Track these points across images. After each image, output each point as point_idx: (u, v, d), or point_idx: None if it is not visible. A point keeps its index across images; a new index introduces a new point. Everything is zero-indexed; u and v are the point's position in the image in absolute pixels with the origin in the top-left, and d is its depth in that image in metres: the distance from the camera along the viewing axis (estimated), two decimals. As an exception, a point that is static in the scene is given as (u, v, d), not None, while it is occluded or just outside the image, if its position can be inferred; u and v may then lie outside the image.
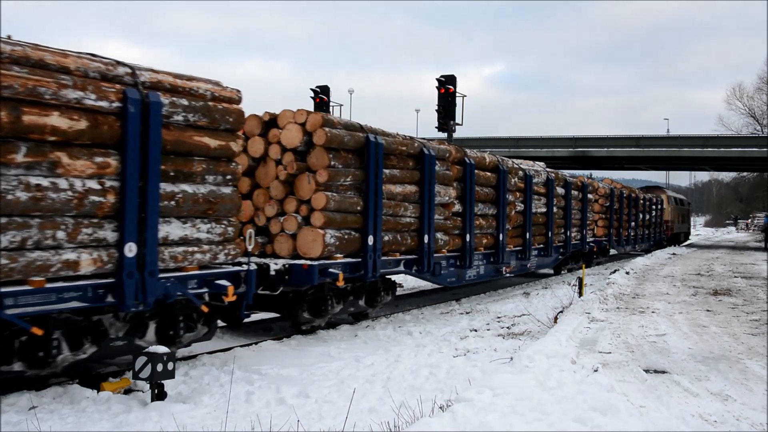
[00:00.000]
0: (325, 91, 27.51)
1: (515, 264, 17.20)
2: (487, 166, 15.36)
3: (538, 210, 18.65)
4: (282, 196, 10.57)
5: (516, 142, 40.58)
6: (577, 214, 22.76)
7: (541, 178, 18.95)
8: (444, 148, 13.32)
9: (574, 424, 5.21)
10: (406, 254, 12.19)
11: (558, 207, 20.39)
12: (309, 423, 6.31)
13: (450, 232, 13.57)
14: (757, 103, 60.44)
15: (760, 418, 5.68)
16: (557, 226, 20.40)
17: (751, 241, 56.80)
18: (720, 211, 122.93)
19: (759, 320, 10.88)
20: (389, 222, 11.55)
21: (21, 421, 6.15)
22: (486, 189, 15.24)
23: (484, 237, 15.24)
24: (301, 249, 10.28)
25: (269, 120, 10.82)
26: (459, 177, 13.99)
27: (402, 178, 11.95)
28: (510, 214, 16.35)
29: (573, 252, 22.61)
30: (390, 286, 12.43)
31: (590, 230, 24.37)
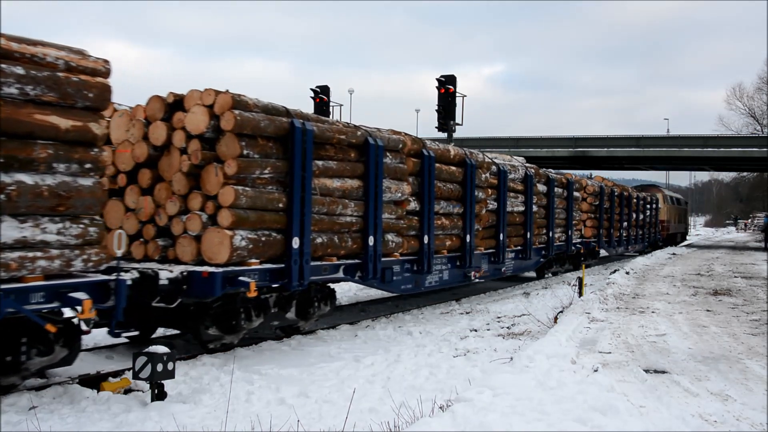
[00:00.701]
0: (325, 91, 27.51)
1: (487, 268, 15.63)
2: (452, 160, 13.68)
3: (514, 209, 17.08)
4: (186, 191, 8.95)
5: (516, 142, 40.57)
6: (562, 214, 21.27)
7: (518, 174, 17.41)
8: (396, 138, 11.77)
9: (574, 424, 5.21)
10: (347, 258, 10.66)
11: (539, 205, 19.03)
12: (309, 423, 6.31)
13: (404, 233, 12.11)
14: (757, 103, 60.46)
15: (760, 418, 5.68)
16: (538, 227, 19.00)
17: (751, 241, 56.79)
18: (720, 211, 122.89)
19: (759, 320, 10.88)
20: (323, 222, 10.02)
21: (21, 421, 6.15)
22: (450, 185, 13.57)
23: (448, 238, 13.71)
24: (205, 253, 8.67)
25: (174, 102, 9.22)
26: (416, 171, 12.40)
27: (341, 171, 10.42)
28: (480, 213, 14.81)
29: (557, 254, 21.21)
30: (327, 296, 10.83)
31: (577, 231, 22.92)
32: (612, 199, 26.17)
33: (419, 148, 12.55)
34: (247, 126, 8.79)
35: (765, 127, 58.17)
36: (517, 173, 17.36)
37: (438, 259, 13.29)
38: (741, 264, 25.00)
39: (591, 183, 24.50)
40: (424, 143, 12.82)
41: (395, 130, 12.44)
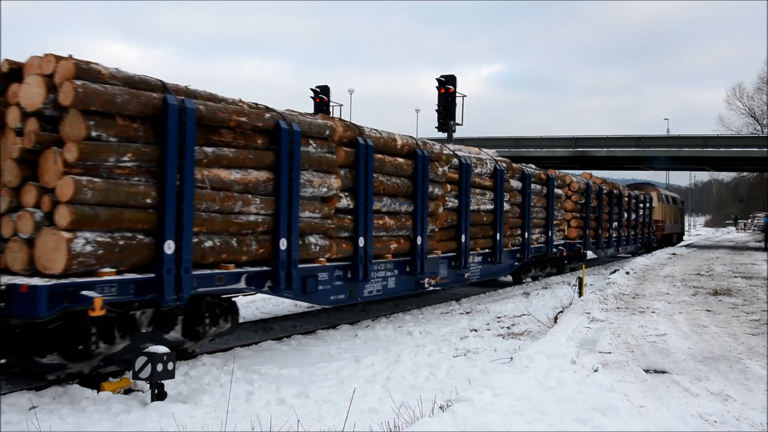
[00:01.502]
0: (325, 91, 27.54)
1: (446, 273, 13.81)
2: (398, 151, 11.88)
3: (481, 207, 15.08)
4: (18, 182, 7.12)
5: (516, 142, 40.59)
6: (541, 213, 19.32)
7: (485, 168, 15.34)
8: (321, 124, 10.00)
9: (574, 424, 5.21)
10: (252, 265, 8.88)
11: (512, 204, 17.09)
12: (309, 423, 6.31)
13: (333, 234, 10.33)
14: (757, 103, 60.52)
15: (760, 418, 5.68)
16: (511, 227, 17.07)
17: (751, 241, 56.80)
18: (720, 211, 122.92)
19: (759, 320, 10.88)
20: (215, 221, 8.19)
21: (21, 421, 6.16)
22: (397, 179, 11.75)
23: (394, 241, 11.88)
24: (39, 261, 6.85)
25: (11, 72, 7.40)
26: (349, 163, 10.61)
27: (241, 160, 8.59)
28: (437, 212, 13.05)
29: (536, 257, 19.33)
30: (227, 311, 8.92)
31: (559, 231, 21.12)
32: (600, 197, 24.36)
33: (353, 136, 10.69)
34: (95, 101, 6.90)
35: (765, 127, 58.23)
36: (484, 167, 15.30)
37: (380, 264, 11.57)
38: (741, 264, 25.00)
39: (576, 180, 22.61)
40: (362, 130, 10.94)
41: (326, 116, 10.91)
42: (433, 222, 12.96)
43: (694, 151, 38.16)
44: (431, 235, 12.93)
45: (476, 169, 14.89)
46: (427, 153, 12.38)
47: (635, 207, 30.30)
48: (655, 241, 36.96)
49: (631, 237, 29.64)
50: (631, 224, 29.66)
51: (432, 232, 12.97)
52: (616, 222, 26.73)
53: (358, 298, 11.23)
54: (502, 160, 16.56)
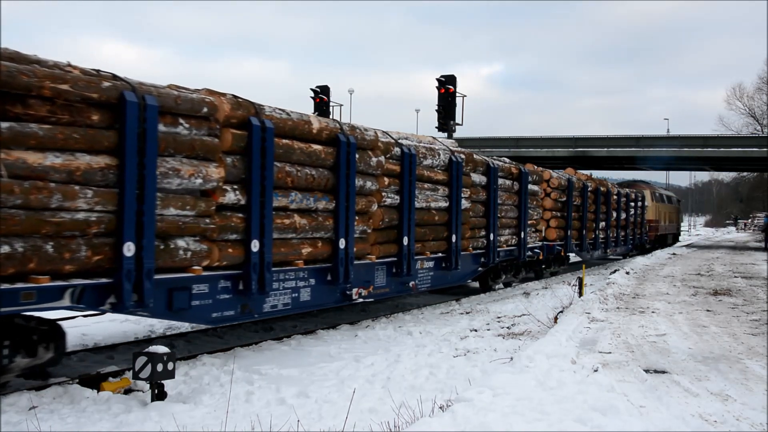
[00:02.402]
0: (325, 91, 27.56)
1: (384, 282, 11.84)
2: (315, 136, 9.85)
3: (432, 204, 12.99)
4: None
5: (516, 142, 40.60)
6: (512, 212, 17.01)
7: (437, 159, 13.16)
8: (197, 99, 7.98)
9: (574, 424, 5.21)
10: (84, 276, 7.03)
11: (475, 201, 14.95)
12: (309, 423, 6.31)
13: (214, 236, 8.31)
14: (757, 103, 60.54)
15: (760, 418, 5.68)
16: (473, 227, 14.96)
17: (751, 241, 56.81)
18: (720, 211, 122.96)
19: (759, 320, 10.88)
20: (13, 219, 6.31)
21: (21, 421, 6.16)
22: (311, 170, 9.77)
23: (308, 244, 9.86)
24: None
25: None
26: (240, 149, 8.60)
27: (62, 140, 6.70)
28: (370, 210, 11.10)
29: (506, 261, 17.27)
30: (46, 336, 7.10)
31: (535, 232, 19.04)
32: (584, 194, 22.40)
33: (245, 116, 8.65)
34: None
35: (765, 127, 58.25)
36: (436, 159, 13.10)
37: (288, 273, 9.63)
38: (741, 264, 25.01)
39: (556, 175, 20.50)
40: (259, 109, 8.95)
41: (212, 91, 8.60)
42: (364, 222, 10.98)
43: (694, 151, 38.16)
44: (362, 237, 11.01)
45: (425, 161, 12.75)
46: (353, 140, 10.37)
47: (625, 206, 28.27)
48: (649, 242, 35.31)
49: (621, 238, 27.65)
50: (621, 224, 27.65)
51: (363, 233, 11.01)
52: (603, 222, 24.90)
53: (255, 314, 9.24)
54: (460, 151, 14.38)
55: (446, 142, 14.89)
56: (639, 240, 31.71)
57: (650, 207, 35.36)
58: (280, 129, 9.19)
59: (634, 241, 30.44)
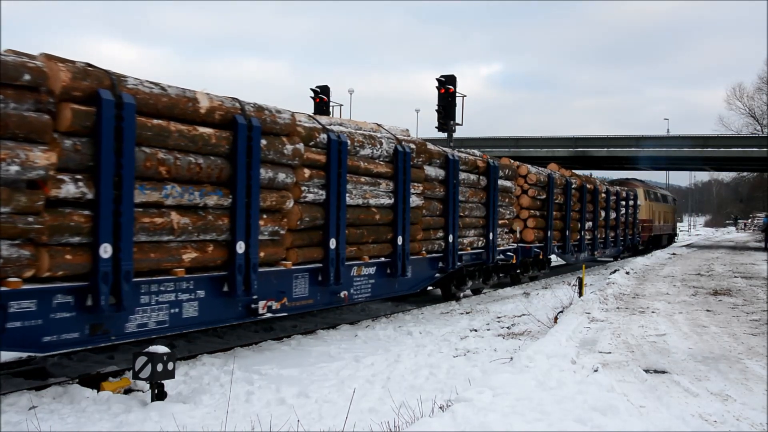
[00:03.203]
0: (325, 91, 27.55)
1: (306, 292, 10.09)
2: (203, 116, 8.06)
3: (372, 201, 11.23)
4: None
5: (516, 142, 40.63)
6: (478, 210, 15.16)
7: (379, 149, 11.31)
8: (15, 63, 6.35)
9: (574, 424, 5.21)
10: None
11: (429, 197, 13.12)
12: (309, 423, 6.31)
13: (42, 239, 6.58)
14: (757, 103, 60.55)
15: (760, 418, 5.68)
16: (427, 228, 13.08)
17: (751, 241, 56.83)
18: (720, 211, 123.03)
19: (759, 320, 10.88)
20: None
21: (21, 421, 6.16)
22: (198, 158, 7.98)
23: (192, 248, 8.06)
24: None
25: None
26: (83, 129, 6.85)
27: None
28: (284, 207, 9.34)
29: (473, 265, 15.44)
30: None
31: (508, 233, 17.23)
32: (568, 192, 20.54)
33: (93, 88, 6.91)
34: None
35: (765, 127, 58.25)
36: (377, 148, 11.26)
37: (162, 284, 7.86)
38: (741, 264, 25.01)
39: (535, 171, 18.63)
40: (118, 81, 7.18)
41: (51, 55, 6.80)
42: (275, 221, 9.24)
43: (694, 151, 38.20)
44: (273, 239, 9.31)
45: (363, 150, 10.96)
46: (257, 122, 8.65)
47: (615, 205, 26.48)
48: (642, 243, 33.48)
49: (610, 239, 25.92)
50: (611, 224, 25.92)
51: (275, 235, 9.28)
52: (590, 222, 23.23)
53: (113, 336, 7.47)
54: (411, 140, 12.42)
55: (395, 130, 12.51)
56: (631, 241, 29.98)
57: (643, 206, 33.75)
58: (150, 107, 7.48)
59: (625, 243, 28.77)
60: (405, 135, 12.61)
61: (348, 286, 10.98)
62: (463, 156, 14.59)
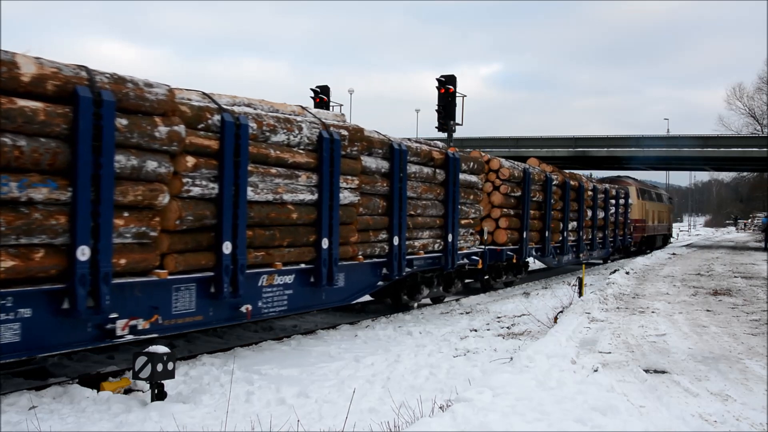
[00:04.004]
0: (325, 91, 27.55)
1: (194, 307, 8.32)
2: (21, 86, 6.35)
3: (285, 197, 9.35)
4: None
5: (516, 142, 40.63)
6: (435, 208, 13.15)
7: (299, 135, 9.43)
8: None
9: (574, 424, 5.21)
10: None
11: (368, 193, 11.19)
12: (309, 423, 6.31)
13: None
14: (757, 103, 60.50)
15: (760, 418, 5.68)
16: (365, 228, 11.16)
17: (751, 241, 56.84)
18: (720, 211, 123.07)
19: (759, 320, 10.88)
20: None
21: (21, 421, 6.16)
22: (18, 140, 6.29)
23: (6, 255, 6.31)
24: None
25: None
26: None
27: None
28: (155, 203, 7.55)
29: (431, 270, 13.60)
30: None
31: (472, 234, 15.06)
32: (547, 189, 18.77)
33: None
34: None
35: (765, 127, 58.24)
36: (294, 134, 9.36)
37: None
38: (741, 264, 25.01)
39: (508, 165, 16.84)
40: None
41: None
42: (143, 220, 7.43)
43: (694, 151, 38.20)
44: (142, 242, 7.51)
45: (274, 136, 9.11)
46: (110, 97, 6.89)
47: (603, 203, 24.77)
48: (634, 245, 31.78)
49: (598, 240, 24.11)
50: (598, 225, 24.19)
51: (143, 237, 7.47)
52: (574, 222, 21.46)
53: None
54: (342, 126, 10.49)
55: (325, 114, 10.71)
56: (622, 242, 28.36)
57: (636, 205, 31.99)
58: None
59: (615, 244, 27.06)
60: (339, 120, 10.73)
61: (253, 298, 9.08)
62: (414, 146, 12.56)
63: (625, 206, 28.41)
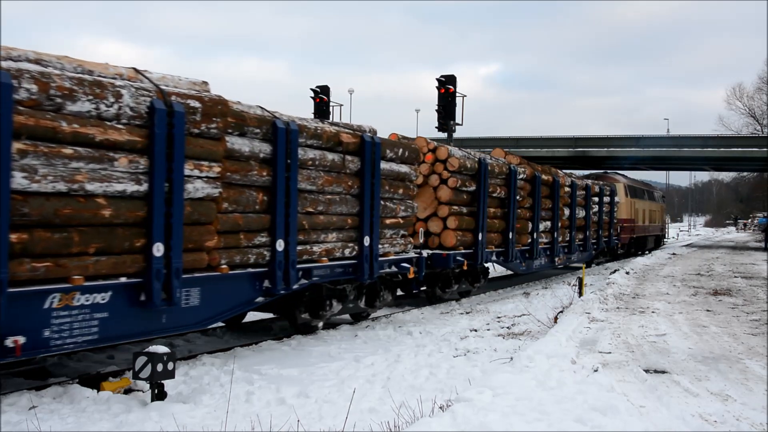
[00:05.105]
0: (325, 91, 27.56)
1: None
2: None
3: (88, 186, 6.84)
4: None
5: (516, 142, 40.61)
6: (343, 204, 10.41)
7: (114, 105, 6.99)
8: None
9: (574, 424, 5.21)
10: None
11: (236, 184, 8.64)
12: (309, 423, 6.31)
13: None
14: (757, 103, 60.47)
15: (760, 418, 5.68)
16: (232, 230, 8.56)
17: (751, 241, 56.86)
18: (720, 211, 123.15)
19: (759, 320, 10.89)
20: None
21: (21, 421, 6.15)
22: None
23: None
24: None
25: None
26: None
27: None
28: None
29: (347, 281, 10.91)
30: None
31: (402, 237, 12.14)
32: (512, 183, 16.10)
33: None
34: None
35: (765, 127, 58.22)
36: (106, 102, 6.93)
37: None
38: (741, 264, 25.02)
39: (461, 155, 14.43)
40: None
41: None
42: None
43: (694, 151, 38.21)
44: None
45: (71, 105, 6.66)
46: None
47: (585, 201, 22.24)
48: (621, 247, 29.36)
49: (577, 242, 21.43)
50: (578, 225, 21.52)
51: None
52: (548, 222, 18.84)
53: None
54: (195, 95, 7.87)
55: (174, 79, 8.10)
56: (606, 244, 25.71)
57: (623, 203, 29.69)
58: None
59: (598, 246, 24.33)
60: (196, 89, 8.18)
61: (32, 326, 6.48)
62: (312, 126, 9.88)
63: (610, 204, 26.01)
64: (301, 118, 10.01)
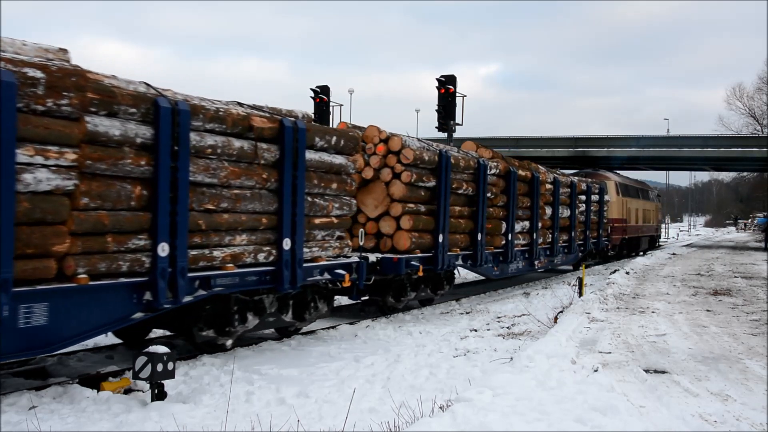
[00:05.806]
0: (325, 91, 27.54)
1: None
2: None
3: None
4: None
5: (516, 142, 40.62)
6: (256, 201, 8.86)
7: None
8: None
9: (574, 424, 5.21)
10: None
11: (99, 174, 6.98)
12: (309, 423, 6.31)
13: None
14: (757, 103, 60.45)
15: (760, 418, 5.68)
16: (90, 232, 6.89)
17: (751, 241, 56.87)
18: (720, 211, 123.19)
19: (759, 320, 10.89)
20: None
21: (21, 421, 6.15)
22: None
23: None
24: None
25: None
26: None
27: None
28: None
29: (267, 291, 9.39)
30: None
31: (338, 239, 10.49)
32: (481, 179, 14.40)
33: None
34: None
35: (765, 127, 58.20)
36: None
37: None
38: (741, 264, 25.03)
39: (417, 146, 12.89)
40: None
41: None
42: None
43: (694, 151, 38.21)
44: None
45: None
46: None
47: (570, 199, 20.59)
48: (611, 248, 27.69)
49: (560, 244, 19.78)
50: (561, 225, 19.82)
51: None
52: (526, 222, 17.16)
53: None
54: (40, 63, 6.38)
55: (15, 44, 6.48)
56: (595, 245, 23.90)
57: (614, 202, 28.05)
58: None
59: (585, 248, 22.57)
60: (50, 57, 6.67)
61: None
62: (212, 107, 8.26)
63: (599, 203, 24.11)
64: (202, 98, 8.36)
